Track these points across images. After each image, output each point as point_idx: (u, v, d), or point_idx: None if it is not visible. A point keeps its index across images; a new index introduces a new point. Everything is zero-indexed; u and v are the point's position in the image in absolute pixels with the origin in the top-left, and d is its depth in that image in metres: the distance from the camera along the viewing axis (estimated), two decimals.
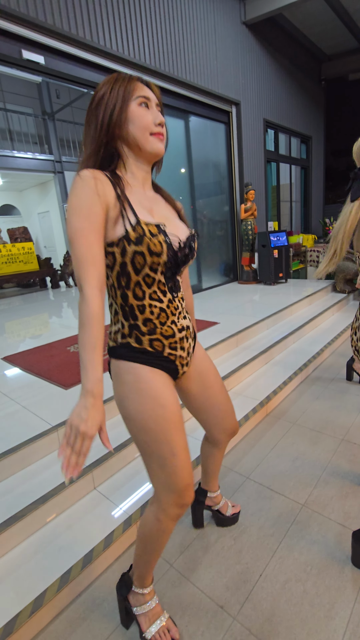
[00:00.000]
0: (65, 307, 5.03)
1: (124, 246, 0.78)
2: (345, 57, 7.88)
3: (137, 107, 0.82)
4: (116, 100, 0.81)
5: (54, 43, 2.96)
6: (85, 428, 0.71)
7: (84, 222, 0.73)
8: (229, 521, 1.40)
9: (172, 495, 0.88)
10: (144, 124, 0.82)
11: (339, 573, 1.19)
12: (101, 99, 0.82)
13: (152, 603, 1.03)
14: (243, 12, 5.20)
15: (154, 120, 0.83)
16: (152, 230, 0.79)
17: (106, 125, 0.81)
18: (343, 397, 2.33)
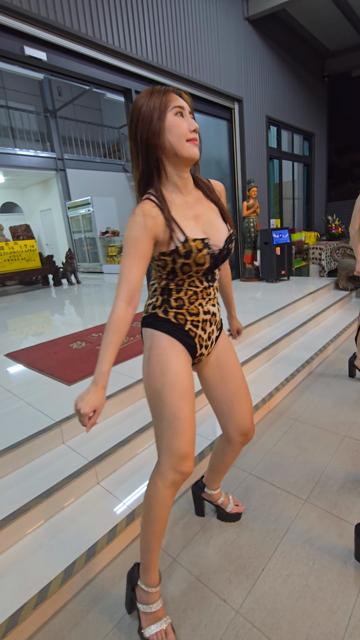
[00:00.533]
0: (67, 305, 5.04)
1: (174, 258, 0.93)
2: (349, 53, 7.81)
3: (173, 117, 0.89)
4: (153, 112, 0.88)
5: (56, 39, 2.95)
6: (80, 405, 0.84)
7: (131, 248, 0.89)
8: (229, 517, 1.41)
9: (171, 458, 0.95)
10: (180, 132, 0.89)
11: (342, 567, 1.20)
12: (137, 112, 0.89)
13: (156, 607, 1.03)
14: (246, 8, 5.17)
15: (189, 127, 0.90)
16: (198, 246, 0.93)
17: (146, 136, 0.89)
18: (345, 394, 2.33)
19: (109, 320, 0.89)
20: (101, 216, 8.61)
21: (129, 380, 2.12)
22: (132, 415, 1.94)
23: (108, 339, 0.87)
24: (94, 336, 3.06)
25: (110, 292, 5.73)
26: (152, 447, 1.79)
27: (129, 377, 2.16)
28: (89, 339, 2.99)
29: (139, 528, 1.39)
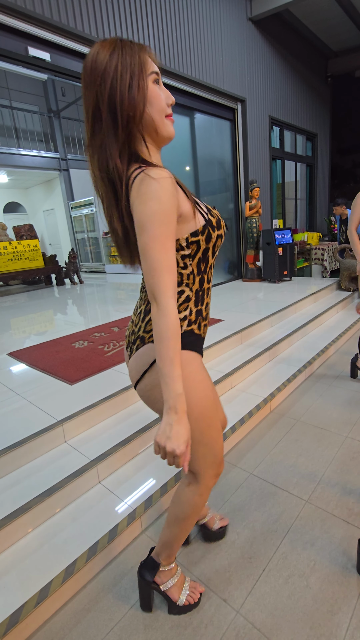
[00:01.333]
0: (70, 304, 5.05)
1: (209, 232, 0.79)
2: (352, 53, 7.79)
3: (152, 86, 0.73)
4: (132, 75, 0.69)
5: (60, 40, 2.96)
6: (171, 447, 0.69)
7: (162, 227, 0.67)
8: (215, 536, 1.33)
9: (213, 469, 0.94)
10: (161, 106, 0.74)
11: (342, 569, 1.19)
12: (106, 70, 0.69)
13: (179, 573, 1.11)
14: (249, 8, 5.16)
15: (167, 100, 0.76)
16: (218, 215, 0.83)
17: (123, 105, 0.69)
18: (347, 395, 2.33)
19: (165, 328, 0.67)
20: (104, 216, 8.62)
21: (129, 380, 2.12)
22: (133, 415, 1.94)
23: (172, 349, 0.68)
24: (96, 336, 3.07)
25: (112, 292, 5.74)
26: (152, 448, 1.79)
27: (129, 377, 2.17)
28: (91, 339, 3.00)
29: (139, 527, 1.40)
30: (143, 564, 1.11)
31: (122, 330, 3.18)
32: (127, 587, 1.19)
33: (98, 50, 0.70)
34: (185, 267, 0.82)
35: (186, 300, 0.85)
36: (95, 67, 0.70)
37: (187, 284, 0.84)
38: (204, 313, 0.89)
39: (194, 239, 0.78)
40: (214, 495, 1.55)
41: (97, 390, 2.04)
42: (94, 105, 0.71)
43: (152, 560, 1.10)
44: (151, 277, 0.68)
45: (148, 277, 0.69)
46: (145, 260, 0.69)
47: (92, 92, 0.71)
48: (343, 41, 7.33)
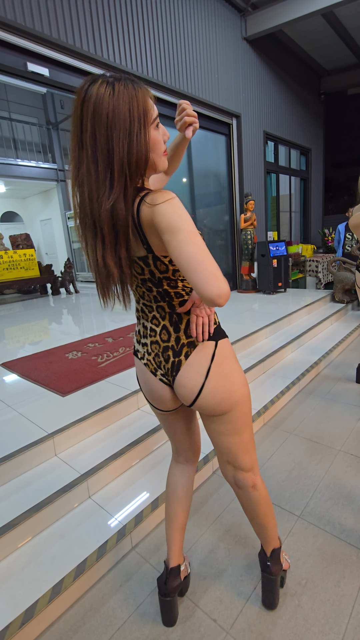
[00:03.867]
0: (65, 314, 5.04)
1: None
2: (344, 72, 8.03)
3: (155, 132, 0.76)
4: (138, 129, 0.71)
5: (58, 56, 3.03)
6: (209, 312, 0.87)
7: (193, 225, 0.70)
8: (185, 587, 1.19)
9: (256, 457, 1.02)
10: (161, 149, 0.78)
11: (334, 587, 1.18)
12: (118, 116, 0.69)
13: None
14: (244, 28, 5.32)
15: (163, 137, 0.79)
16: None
17: (134, 158, 0.72)
18: (340, 408, 2.33)
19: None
20: None
21: (123, 392, 2.11)
22: (124, 428, 1.93)
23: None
24: (90, 346, 3.06)
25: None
26: (144, 461, 1.77)
27: (123, 389, 2.16)
28: (85, 349, 2.98)
29: (129, 544, 1.37)
30: (268, 564, 1.09)
31: (117, 341, 3.17)
32: (115, 607, 1.16)
33: (105, 89, 0.70)
34: (183, 279, 0.85)
35: None
36: (101, 112, 0.69)
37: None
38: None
39: None
40: (206, 512, 1.54)
41: (89, 402, 2.02)
42: (100, 152, 0.71)
43: (274, 550, 1.10)
44: (202, 265, 0.67)
45: (199, 268, 0.66)
46: (195, 248, 0.67)
47: (98, 138, 0.70)
48: (335, 61, 7.55)
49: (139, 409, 2.13)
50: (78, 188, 0.75)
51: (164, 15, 3.95)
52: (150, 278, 0.84)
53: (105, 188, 0.72)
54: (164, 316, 0.89)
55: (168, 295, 0.86)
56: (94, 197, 0.73)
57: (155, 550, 1.36)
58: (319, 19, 5.69)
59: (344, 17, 5.81)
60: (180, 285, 0.85)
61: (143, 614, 1.14)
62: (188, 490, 1.10)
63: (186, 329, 0.88)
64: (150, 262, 0.80)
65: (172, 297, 0.87)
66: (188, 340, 0.88)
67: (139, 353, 0.96)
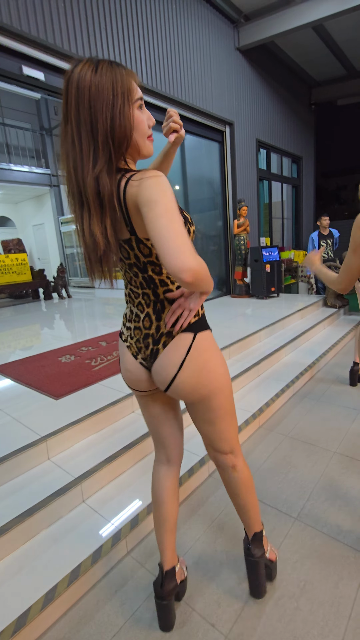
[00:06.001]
0: (57, 318, 4.99)
1: (188, 228, 0.85)
2: (334, 83, 8.23)
3: (138, 112, 0.79)
4: (122, 104, 0.73)
5: (54, 60, 3.04)
6: (193, 305, 0.84)
7: (174, 203, 0.71)
8: (182, 591, 1.17)
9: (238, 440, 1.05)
10: (144, 130, 0.81)
11: (333, 588, 1.17)
12: (101, 93, 0.72)
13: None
14: (237, 39, 5.43)
15: (149, 123, 0.82)
16: (190, 220, 0.89)
17: (115, 131, 0.74)
18: (335, 410, 2.33)
19: (205, 267, 0.72)
20: None
21: (118, 395, 2.09)
22: (119, 431, 1.90)
23: (208, 277, 0.74)
24: (83, 350, 3.03)
25: (100, 307, 5.71)
26: (139, 465, 1.75)
27: (117, 392, 2.13)
28: (78, 353, 2.95)
29: (125, 549, 1.34)
30: (249, 546, 1.12)
31: (110, 344, 3.14)
32: (111, 613, 1.13)
33: (88, 68, 0.73)
34: None
35: None
36: (84, 86, 0.72)
37: None
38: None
39: None
40: (202, 514, 1.52)
41: (83, 406, 1.99)
42: (83, 125, 0.73)
43: (255, 534, 1.12)
44: (181, 238, 0.68)
45: (176, 237, 0.67)
46: (171, 224, 0.68)
47: (81, 111, 0.73)
48: (325, 72, 7.74)
49: (134, 412, 2.10)
50: (65, 162, 0.77)
51: (159, 23, 4.01)
52: (136, 262, 0.85)
53: (89, 160, 0.74)
54: (148, 303, 0.91)
55: (153, 282, 0.87)
56: (79, 168, 0.75)
57: (151, 554, 1.34)
58: (309, 31, 5.84)
59: (333, 30, 5.98)
60: (164, 272, 0.86)
61: (139, 620, 1.11)
62: (174, 493, 1.08)
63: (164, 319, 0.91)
64: (134, 245, 0.82)
65: (157, 284, 0.88)
66: (167, 330, 0.89)
67: (123, 335, 0.98)
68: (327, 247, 4.90)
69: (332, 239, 4.93)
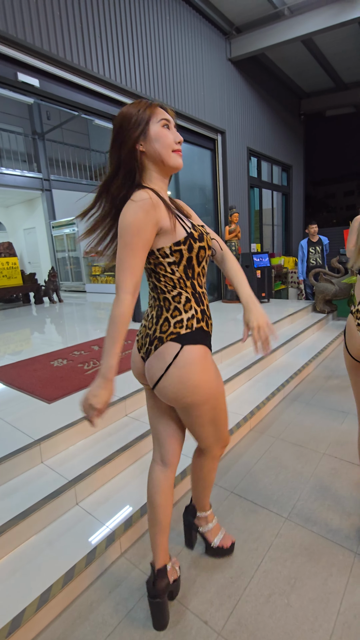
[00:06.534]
0: (48, 323, 4.97)
1: (190, 244, 0.94)
2: (323, 95, 8.46)
3: (160, 128, 0.94)
4: (141, 121, 0.92)
5: (49, 68, 3.08)
6: (94, 402, 0.90)
7: (135, 237, 0.86)
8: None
9: (220, 443, 1.12)
10: (168, 142, 0.94)
11: (322, 585, 1.20)
12: (126, 120, 0.93)
13: (213, 523, 1.31)
14: (228, 50, 5.56)
15: (175, 139, 0.96)
16: (202, 231, 0.99)
17: (132, 142, 0.92)
18: (324, 413, 2.39)
19: (116, 314, 0.86)
20: None
21: (111, 398, 2.10)
22: (113, 434, 1.92)
23: (116, 333, 0.86)
24: (75, 354, 3.03)
25: (92, 311, 5.71)
26: (132, 467, 1.76)
27: None
28: (70, 357, 2.95)
29: (119, 550, 1.36)
30: (187, 508, 1.35)
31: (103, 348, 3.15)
32: (105, 614, 1.15)
33: (125, 109, 0.95)
34: (173, 272, 0.96)
35: (187, 301, 0.98)
36: (120, 120, 0.94)
37: (180, 286, 0.97)
38: (208, 312, 1.03)
39: (176, 248, 0.93)
40: None
41: (76, 409, 1.99)
42: (115, 146, 0.94)
43: (193, 506, 1.32)
44: (117, 273, 0.88)
45: (116, 273, 0.88)
46: (118, 260, 0.88)
47: (116, 136, 0.94)
48: (314, 84, 7.96)
49: (127, 416, 2.12)
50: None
51: (153, 33, 4.09)
52: (147, 267, 0.98)
53: (112, 173, 0.98)
54: (153, 306, 1.02)
55: (156, 287, 0.99)
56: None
57: (144, 555, 1.35)
58: (298, 44, 6.01)
59: (322, 44, 6.16)
60: (162, 280, 0.97)
61: (133, 620, 1.12)
62: (169, 495, 1.11)
63: (162, 324, 0.98)
64: None
65: (158, 290, 0.99)
66: (159, 335, 0.98)
67: (140, 328, 1.08)
68: (316, 254, 5.01)
69: (322, 246, 5.04)
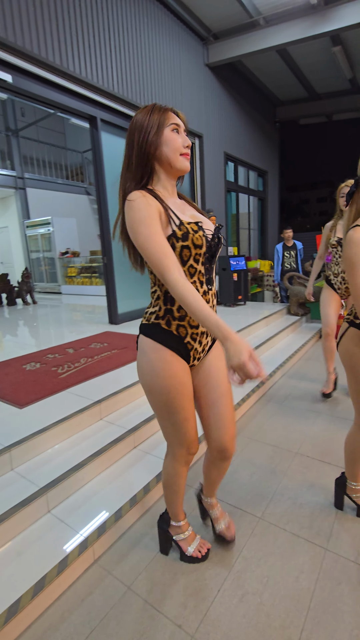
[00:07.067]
0: (21, 325, 4.83)
1: (173, 243, 0.96)
2: (297, 104, 8.72)
3: (170, 133, 0.99)
4: (152, 125, 0.97)
5: (23, 64, 3.00)
6: (243, 359, 0.79)
7: (150, 228, 0.90)
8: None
9: (182, 448, 1.14)
10: (176, 146, 0.99)
11: (294, 582, 1.23)
12: (138, 124, 0.98)
13: (188, 532, 1.31)
14: (206, 55, 5.63)
15: (183, 143, 1.00)
16: (193, 228, 0.98)
17: (144, 145, 0.98)
18: (297, 413, 2.45)
19: (184, 289, 0.84)
20: (61, 236, 8.49)
21: (85, 402, 2.07)
22: (86, 439, 1.88)
23: (195, 305, 0.83)
24: (49, 357, 2.96)
25: (67, 313, 5.59)
26: (108, 471, 1.74)
27: (85, 399, 2.11)
28: (44, 360, 2.88)
29: (92, 557, 1.33)
30: (161, 516, 1.36)
31: (78, 351, 3.10)
32: (77, 623, 1.12)
33: (139, 112, 1.01)
34: (151, 271, 1.03)
35: (157, 298, 1.05)
36: (133, 123, 1.00)
37: (157, 284, 1.04)
38: (176, 314, 1.03)
39: None
40: None
41: (49, 414, 1.95)
42: (128, 147, 1.01)
43: (167, 514, 1.33)
44: (156, 267, 0.89)
45: (154, 268, 0.90)
46: (148, 255, 0.90)
47: (128, 139, 1.01)
48: (288, 93, 8.19)
49: (102, 419, 2.09)
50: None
51: (131, 34, 4.08)
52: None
53: (124, 173, 1.05)
54: (152, 295, 1.09)
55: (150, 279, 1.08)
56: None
57: (119, 560, 1.34)
58: (274, 54, 6.18)
59: (296, 55, 6.36)
60: (150, 275, 1.06)
61: (106, 627, 1.10)
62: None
63: (150, 314, 1.07)
64: None
65: (151, 283, 1.08)
66: (142, 324, 1.09)
67: None
68: (291, 258, 5.16)
69: (296, 250, 5.19)
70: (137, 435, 1.96)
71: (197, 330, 1.06)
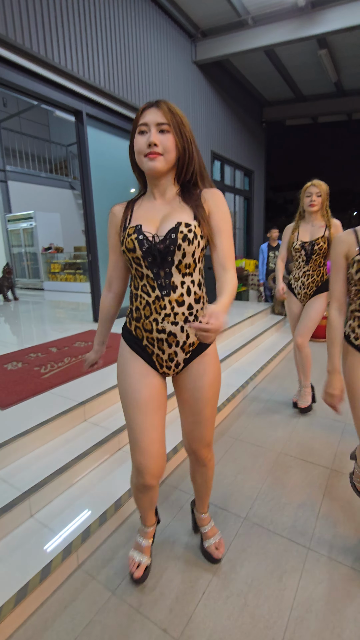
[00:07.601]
0: (2, 323, 4.70)
1: (123, 250, 1.01)
2: (283, 104, 8.79)
3: (137, 136, 0.95)
4: (133, 129, 0.97)
5: (6, 53, 2.90)
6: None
7: (108, 241, 1.10)
8: (204, 553, 1.33)
9: (134, 467, 1.10)
10: (138, 149, 0.95)
11: (277, 582, 1.24)
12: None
13: (146, 543, 1.29)
14: (194, 53, 5.59)
15: (146, 142, 0.93)
16: (129, 232, 0.98)
17: (130, 150, 1.00)
18: (280, 414, 2.48)
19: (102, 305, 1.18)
20: (44, 231, 8.31)
21: (70, 403, 2.03)
22: (70, 442, 1.85)
23: (99, 317, 1.19)
24: (31, 356, 2.89)
25: (50, 310, 5.49)
26: (92, 473, 1.72)
27: (69, 400, 2.07)
28: (26, 360, 2.81)
29: (76, 562, 1.32)
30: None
31: (61, 350, 3.04)
32: (60, 630, 1.10)
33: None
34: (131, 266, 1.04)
35: (132, 295, 1.07)
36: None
37: (131, 282, 1.08)
38: (134, 314, 1.05)
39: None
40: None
41: (31, 416, 1.91)
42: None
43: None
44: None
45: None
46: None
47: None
48: (275, 93, 8.24)
49: (86, 421, 2.06)
50: None
51: (118, 28, 4.01)
52: None
53: None
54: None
55: None
56: None
57: (103, 565, 1.32)
58: (262, 54, 6.19)
59: (283, 57, 6.40)
60: None
61: (90, 635, 1.09)
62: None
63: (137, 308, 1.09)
64: None
65: None
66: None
67: None
68: (275, 258, 5.22)
69: None
70: (122, 437, 1.94)
71: (151, 336, 1.01)
